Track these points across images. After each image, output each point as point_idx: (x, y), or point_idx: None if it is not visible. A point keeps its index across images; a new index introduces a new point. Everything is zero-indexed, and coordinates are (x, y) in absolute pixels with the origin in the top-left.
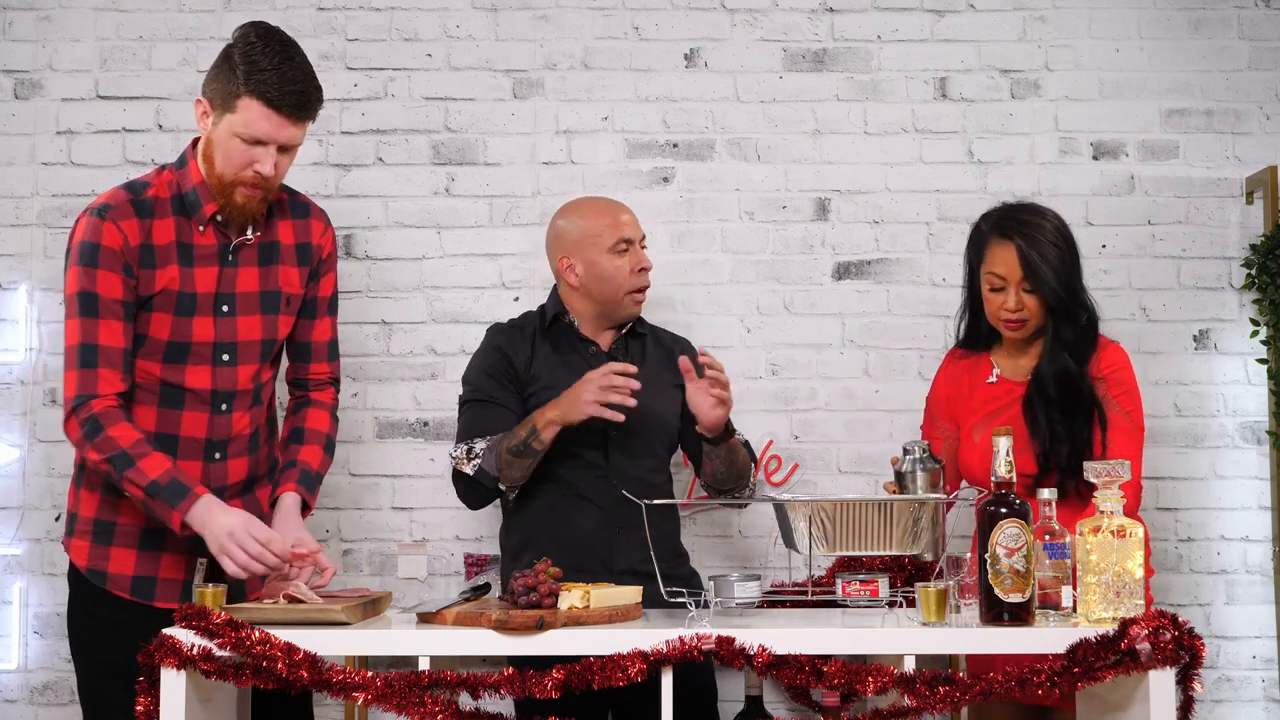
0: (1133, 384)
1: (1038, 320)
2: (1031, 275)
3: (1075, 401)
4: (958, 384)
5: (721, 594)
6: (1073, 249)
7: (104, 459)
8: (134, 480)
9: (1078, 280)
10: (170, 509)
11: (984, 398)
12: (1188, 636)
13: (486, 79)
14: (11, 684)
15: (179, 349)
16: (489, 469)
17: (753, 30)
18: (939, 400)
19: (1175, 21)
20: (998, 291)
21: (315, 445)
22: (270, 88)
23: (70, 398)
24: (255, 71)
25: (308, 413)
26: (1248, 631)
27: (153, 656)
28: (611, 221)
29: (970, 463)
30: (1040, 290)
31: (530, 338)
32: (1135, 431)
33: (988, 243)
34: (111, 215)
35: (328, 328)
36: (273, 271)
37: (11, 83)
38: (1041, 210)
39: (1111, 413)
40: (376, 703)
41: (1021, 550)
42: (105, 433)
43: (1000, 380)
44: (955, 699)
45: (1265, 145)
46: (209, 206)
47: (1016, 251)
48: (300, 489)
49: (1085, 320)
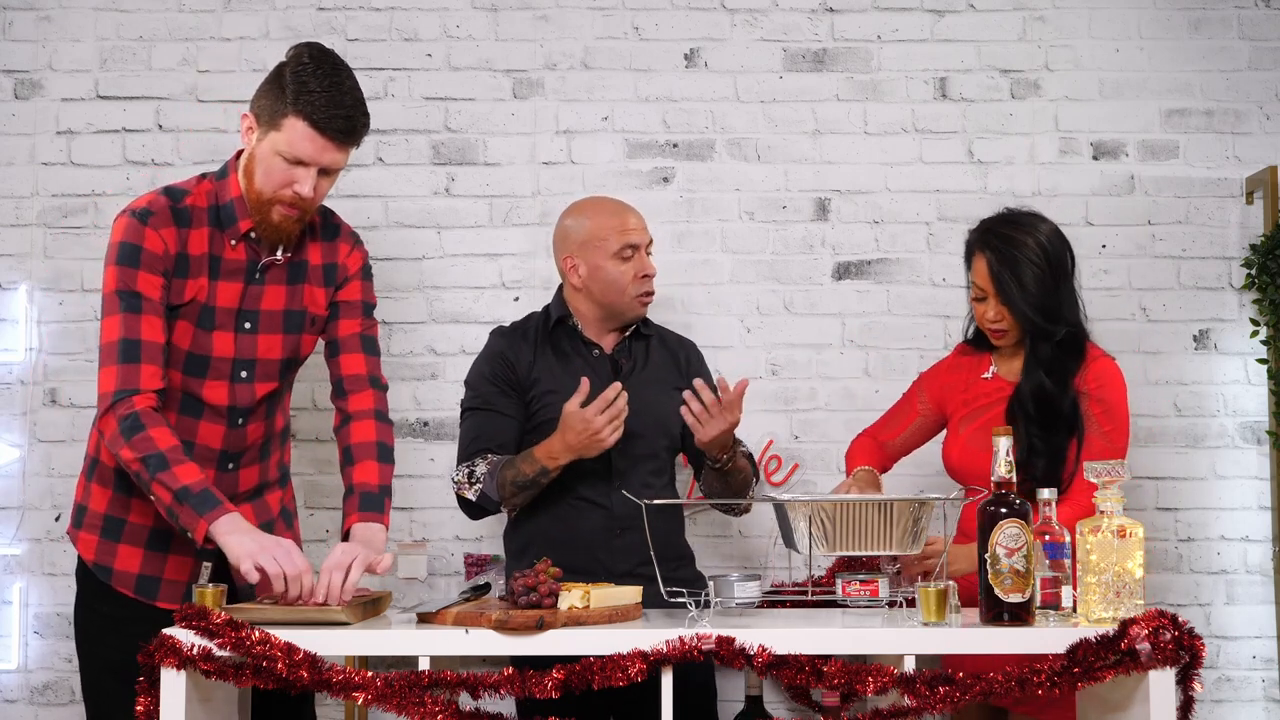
0: (1116, 401)
1: (1016, 332)
2: (1000, 291)
3: (1055, 417)
4: (957, 373)
5: (721, 594)
6: (1056, 267)
7: (138, 458)
8: (166, 483)
9: (1058, 298)
10: (198, 516)
11: (977, 392)
12: (1188, 636)
13: (486, 79)
14: (11, 684)
15: (198, 362)
16: (491, 494)
17: (753, 30)
18: (935, 380)
19: (1175, 21)
20: (979, 301)
21: (367, 460)
22: (317, 110)
23: (110, 392)
24: (304, 92)
25: (351, 428)
26: (1248, 631)
27: (153, 656)
28: (619, 225)
29: (950, 453)
30: (1009, 307)
31: (533, 341)
32: (1111, 454)
33: (971, 252)
34: (153, 222)
35: (354, 325)
36: (299, 291)
37: (11, 83)
38: (1031, 224)
39: (1090, 433)
40: (376, 703)
41: (1021, 550)
42: (146, 432)
43: (995, 377)
44: (955, 699)
45: (1265, 145)
46: (244, 222)
47: (988, 266)
48: (365, 515)
49: (1066, 336)
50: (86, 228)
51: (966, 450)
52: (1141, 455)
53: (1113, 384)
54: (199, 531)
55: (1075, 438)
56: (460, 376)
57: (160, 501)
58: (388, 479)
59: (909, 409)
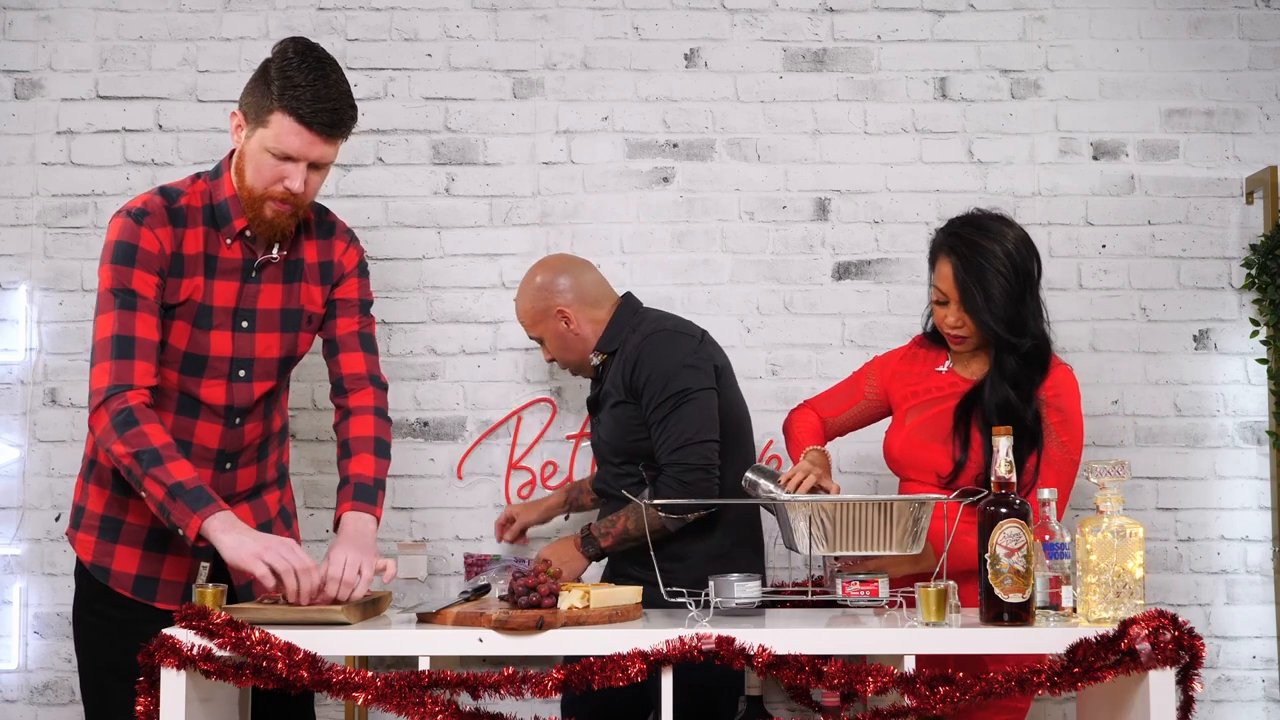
0: (1073, 411)
1: (977, 339)
2: (965, 299)
3: (1018, 427)
4: (911, 364)
5: (721, 594)
6: (1023, 277)
7: (131, 452)
8: (159, 478)
9: (1024, 309)
10: (191, 512)
11: (929, 385)
12: (1188, 636)
13: (486, 79)
14: (11, 684)
15: (195, 361)
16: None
17: (753, 30)
18: (887, 367)
19: (1175, 21)
20: (941, 305)
21: (364, 454)
22: (303, 104)
23: (102, 388)
24: (289, 87)
25: (350, 423)
26: (1248, 631)
27: (153, 656)
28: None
29: (893, 444)
30: (973, 317)
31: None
32: (1068, 466)
33: (937, 254)
34: (149, 221)
35: (352, 324)
36: (295, 289)
37: (11, 83)
38: (999, 232)
39: (1049, 443)
40: (376, 703)
41: (1021, 550)
42: (140, 427)
43: (950, 372)
44: (955, 699)
45: (1265, 145)
46: (239, 221)
47: (953, 272)
48: (358, 505)
49: (1030, 348)
50: (86, 228)
51: (911, 441)
52: (1141, 455)
53: (1070, 392)
54: (191, 528)
55: (1035, 450)
56: (460, 376)
57: (152, 497)
58: (383, 473)
59: (855, 390)
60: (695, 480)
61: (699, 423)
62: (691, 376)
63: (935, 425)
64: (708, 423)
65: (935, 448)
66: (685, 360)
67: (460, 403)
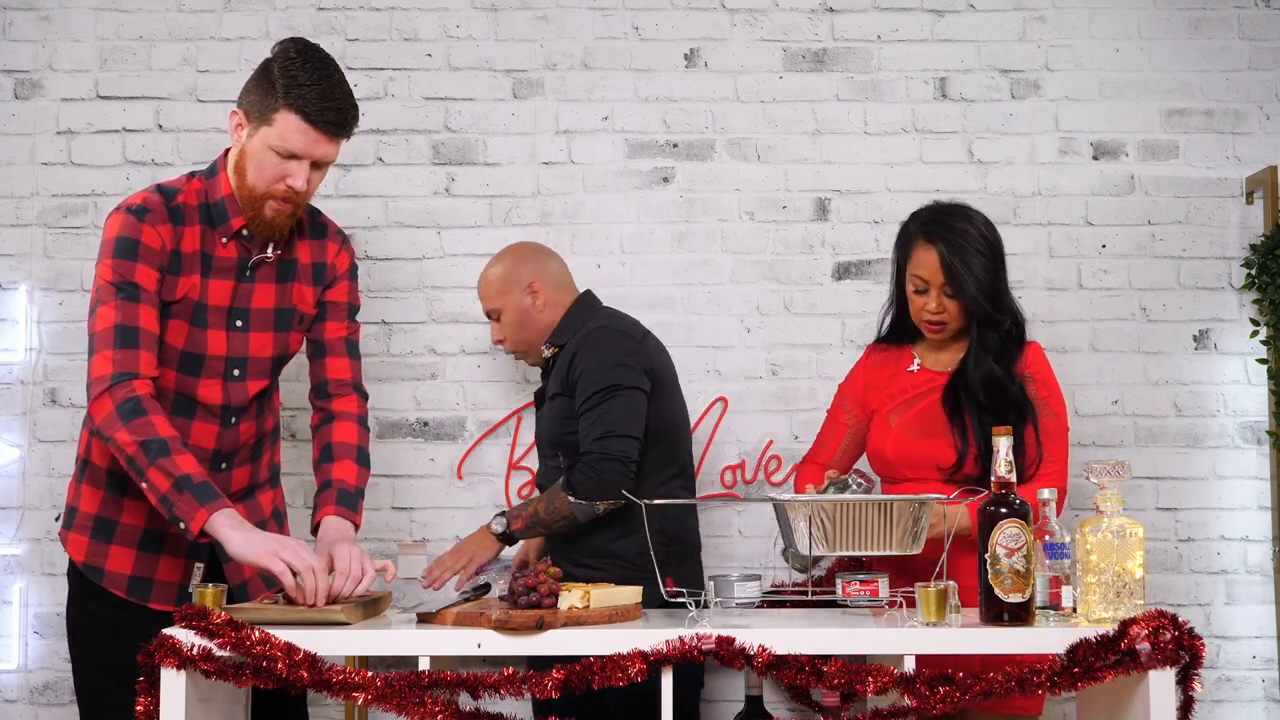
0: (1054, 381)
1: (958, 323)
2: (953, 281)
3: (1004, 403)
4: (877, 373)
5: (721, 594)
6: (998, 256)
7: (137, 441)
8: (166, 469)
9: (1001, 286)
10: (199, 505)
11: (903, 385)
12: (1188, 636)
13: (486, 79)
14: (11, 684)
15: (193, 361)
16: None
17: (753, 30)
18: (855, 388)
19: (1175, 21)
20: (920, 294)
21: (347, 460)
22: (309, 103)
23: (105, 375)
24: (294, 86)
25: (333, 427)
26: (1248, 631)
27: (153, 656)
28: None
29: (883, 447)
30: (961, 297)
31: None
32: (1062, 434)
33: (913, 244)
34: (150, 218)
35: (341, 328)
36: (289, 289)
37: (11, 83)
38: (969, 214)
39: (1043, 417)
40: (376, 703)
41: (1021, 550)
42: (148, 417)
43: (922, 370)
44: (955, 699)
45: (1265, 145)
46: (236, 220)
47: (939, 257)
48: (341, 510)
49: (1010, 325)
50: (86, 228)
51: (902, 439)
52: (1141, 455)
53: (1046, 364)
54: (196, 522)
55: (1030, 422)
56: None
57: (154, 489)
58: (364, 482)
59: (836, 426)
60: (609, 470)
61: (623, 418)
62: (623, 374)
63: (924, 420)
64: (632, 419)
65: (931, 442)
66: (620, 359)
67: (460, 403)
